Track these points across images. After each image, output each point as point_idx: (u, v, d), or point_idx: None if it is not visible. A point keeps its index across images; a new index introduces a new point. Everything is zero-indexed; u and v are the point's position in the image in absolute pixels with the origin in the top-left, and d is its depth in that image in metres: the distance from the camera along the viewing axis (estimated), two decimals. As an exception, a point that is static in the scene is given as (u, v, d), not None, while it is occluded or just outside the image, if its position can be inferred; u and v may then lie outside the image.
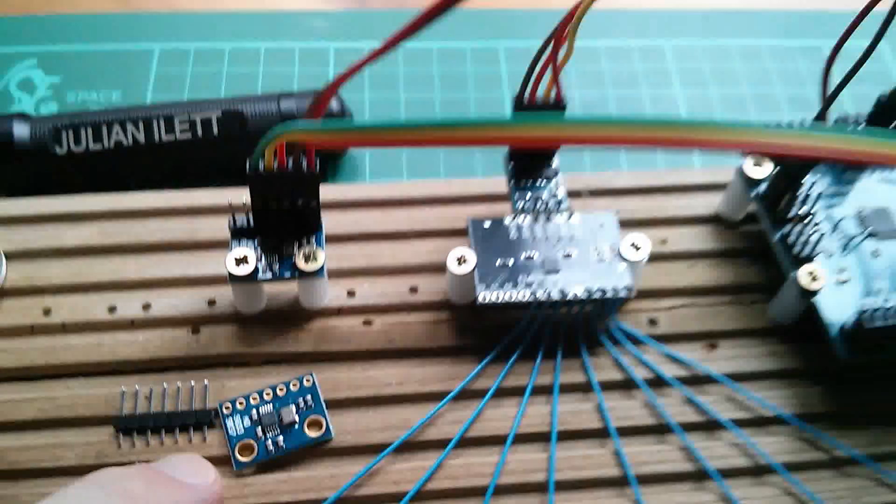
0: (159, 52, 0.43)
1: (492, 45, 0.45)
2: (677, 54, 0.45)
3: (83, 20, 0.45)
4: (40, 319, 0.29)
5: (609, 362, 0.29)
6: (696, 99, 0.44)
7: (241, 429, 0.27)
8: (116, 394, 0.27)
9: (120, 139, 0.35)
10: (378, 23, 0.46)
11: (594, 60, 0.44)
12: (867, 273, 0.29)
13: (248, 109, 0.36)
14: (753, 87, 0.44)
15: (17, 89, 0.41)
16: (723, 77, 0.45)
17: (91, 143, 0.35)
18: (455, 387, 0.28)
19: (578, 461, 0.27)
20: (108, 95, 0.41)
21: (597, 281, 0.28)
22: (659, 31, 0.46)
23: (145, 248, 0.31)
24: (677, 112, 0.43)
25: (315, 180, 0.26)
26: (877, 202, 0.31)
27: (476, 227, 0.30)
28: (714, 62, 0.45)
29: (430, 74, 0.43)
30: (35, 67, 0.42)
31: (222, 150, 0.36)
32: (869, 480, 0.27)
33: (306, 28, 0.45)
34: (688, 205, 0.33)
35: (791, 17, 0.47)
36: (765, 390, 0.29)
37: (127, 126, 0.35)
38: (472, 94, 0.43)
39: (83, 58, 0.43)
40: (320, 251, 0.27)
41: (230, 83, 0.42)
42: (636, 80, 0.44)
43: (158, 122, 0.35)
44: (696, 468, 0.27)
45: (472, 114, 0.42)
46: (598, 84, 0.44)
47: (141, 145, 0.35)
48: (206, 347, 0.29)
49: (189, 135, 0.35)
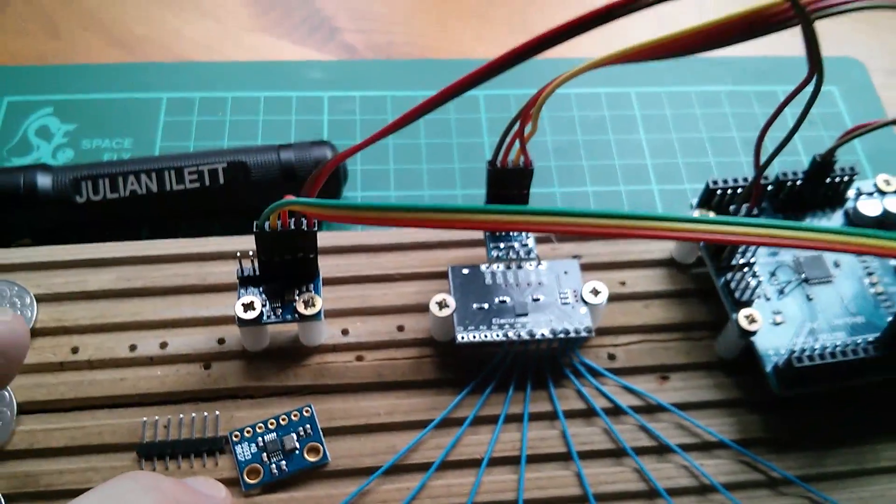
0: (167, 101, 0.46)
1: (473, 94, 0.48)
2: (642, 101, 0.49)
3: (95, 70, 0.48)
4: (69, 357, 0.32)
5: (573, 393, 0.33)
6: (658, 143, 0.47)
7: (248, 454, 0.30)
8: (138, 423, 0.31)
9: (134, 188, 0.38)
10: (369, 72, 0.49)
11: (566, 108, 0.48)
12: (800, 316, 0.33)
13: (250, 160, 0.40)
14: (711, 131, 0.48)
15: (35, 136, 0.44)
16: (684, 122, 0.48)
17: (108, 192, 0.38)
18: (437, 416, 0.32)
19: (544, 482, 0.31)
20: (121, 142, 0.45)
21: (561, 322, 0.32)
22: (626, 79, 0.50)
23: (162, 291, 0.34)
24: (643, 156, 0.47)
25: (312, 237, 0.30)
26: (812, 251, 0.35)
27: (455, 274, 0.33)
28: (675, 108, 0.49)
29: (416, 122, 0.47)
30: (51, 115, 0.45)
31: (227, 197, 0.39)
32: (802, 499, 0.31)
33: (302, 78, 0.48)
34: (646, 249, 0.37)
35: (747, 63, 0.51)
36: (710, 418, 0.32)
37: (141, 177, 0.38)
38: (454, 140, 0.46)
39: (96, 106, 0.46)
40: (318, 298, 0.31)
41: (233, 129, 0.46)
42: (604, 126, 0.48)
43: (169, 173, 0.39)
44: (648, 488, 0.31)
45: (455, 159, 0.46)
46: (569, 130, 0.47)
47: (154, 194, 0.39)
48: (216, 382, 0.32)
49: (197, 184, 0.39)
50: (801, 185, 0.35)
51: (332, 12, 0.54)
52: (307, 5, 0.54)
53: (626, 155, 0.47)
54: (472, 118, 0.47)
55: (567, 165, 0.46)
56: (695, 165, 0.47)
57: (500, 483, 0.31)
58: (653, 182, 0.46)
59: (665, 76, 0.50)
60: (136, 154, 0.45)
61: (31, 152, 0.44)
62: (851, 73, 0.51)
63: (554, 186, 0.45)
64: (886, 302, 0.33)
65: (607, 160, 0.47)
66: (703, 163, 0.47)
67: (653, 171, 0.46)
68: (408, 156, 0.46)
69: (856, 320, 0.33)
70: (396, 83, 0.49)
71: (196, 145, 0.45)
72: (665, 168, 0.46)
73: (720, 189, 0.34)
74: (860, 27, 0.54)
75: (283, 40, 0.51)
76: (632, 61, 0.24)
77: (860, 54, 0.52)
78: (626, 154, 0.47)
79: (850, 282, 0.34)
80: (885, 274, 0.34)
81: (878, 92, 0.50)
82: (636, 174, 0.46)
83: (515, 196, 0.34)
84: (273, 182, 0.39)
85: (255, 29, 0.52)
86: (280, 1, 0.53)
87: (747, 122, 0.49)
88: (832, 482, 0.31)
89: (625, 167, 0.46)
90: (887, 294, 0.34)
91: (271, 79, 0.48)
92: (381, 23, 0.53)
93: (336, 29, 0.53)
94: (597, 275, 0.35)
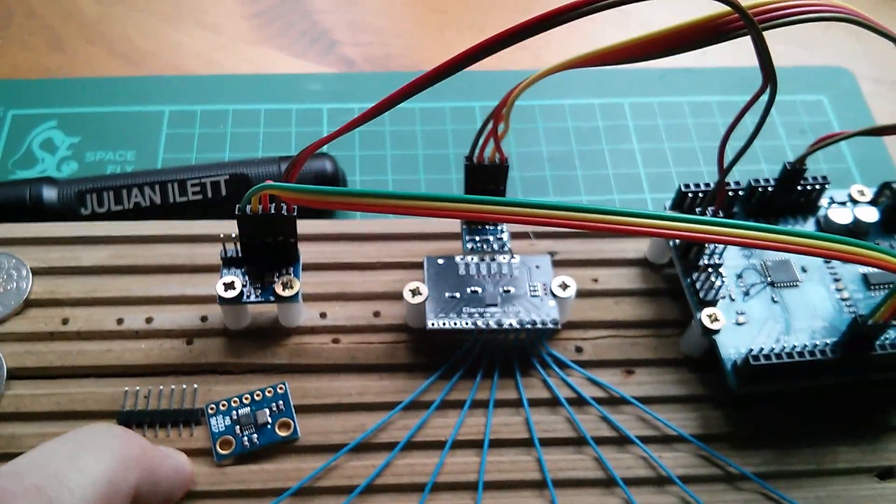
0: (169, 114, 0.48)
1: (439, 105, 0.50)
2: (634, 111, 0.50)
3: (99, 83, 0.49)
4: (59, 328, 0.34)
5: (539, 382, 0.34)
6: (651, 153, 0.48)
7: (222, 426, 0.32)
8: (121, 393, 0.32)
9: (138, 201, 0.40)
10: (367, 84, 0.51)
11: (560, 118, 0.49)
12: (763, 317, 0.34)
13: (252, 172, 0.41)
14: (703, 140, 0.49)
15: (39, 149, 0.45)
16: (676, 132, 0.49)
17: (113, 204, 0.40)
18: (406, 398, 0.33)
19: (506, 465, 0.32)
20: (124, 155, 0.46)
21: (529, 314, 0.33)
22: (618, 90, 0.51)
23: (150, 269, 0.36)
24: (636, 165, 0.48)
25: (291, 221, 0.32)
26: (780, 255, 0.36)
27: (431, 264, 0.35)
28: (668, 118, 0.50)
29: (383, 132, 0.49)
30: (56, 128, 0.46)
31: (229, 209, 0.41)
32: (756, 495, 0.32)
33: (302, 90, 0.50)
34: (621, 249, 0.38)
35: (737, 73, 0.52)
36: (672, 412, 0.33)
37: (145, 189, 0.40)
38: (421, 151, 0.48)
39: (100, 119, 0.47)
40: (296, 280, 0.33)
41: (234, 141, 0.47)
42: (598, 136, 0.49)
43: (172, 186, 0.40)
44: (606, 476, 0.32)
45: (421, 170, 0.47)
46: (563, 140, 0.49)
47: (157, 206, 0.40)
48: (197, 357, 0.34)
49: (200, 196, 0.40)
50: (773, 191, 0.36)
51: (330, 25, 0.55)
52: (307, 19, 0.55)
53: (620, 164, 0.48)
54: (440, 129, 0.49)
55: (562, 175, 0.47)
56: (687, 174, 0.48)
57: (463, 465, 0.32)
58: (646, 191, 0.47)
59: (657, 86, 0.51)
60: (139, 166, 0.46)
61: (35, 165, 0.45)
62: (840, 81, 0.52)
63: (549, 196, 0.46)
64: (851, 308, 0.34)
65: (601, 169, 0.48)
66: (695, 171, 0.48)
67: (646, 179, 0.47)
68: (375, 168, 0.47)
69: (819, 324, 0.34)
70: (394, 95, 0.50)
71: (198, 157, 0.46)
72: (658, 177, 0.47)
73: (691, 192, 0.35)
74: (848, 36, 0.55)
75: (283, 53, 0.53)
76: (588, 65, 0.25)
77: (848, 63, 0.53)
78: (620, 163, 0.48)
79: (817, 287, 0.35)
80: (851, 280, 0.35)
81: (866, 100, 0.51)
82: (629, 183, 0.47)
83: (493, 191, 0.35)
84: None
85: (255, 42, 0.53)
86: (280, 14, 0.54)
87: (738, 131, 0.49)
88: (790, 480, 0.32)
89: (618, 176, 0.47)
90: (852, 300, 0.34)
91: (271, 91, 0.49)
92: (380, 36, 0.55)
93: (335, 42, 0.54)
94: (571, 271, 0.36)
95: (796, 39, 0.54)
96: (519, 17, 0.23)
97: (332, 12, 0.56)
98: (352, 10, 0.57)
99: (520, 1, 0.56)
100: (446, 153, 0.47)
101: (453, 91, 0.50)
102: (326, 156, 0.43)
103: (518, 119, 0.49)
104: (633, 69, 0.52)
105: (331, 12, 0.56)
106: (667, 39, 0.24)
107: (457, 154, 0.47)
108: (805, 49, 0.54)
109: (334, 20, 0.55)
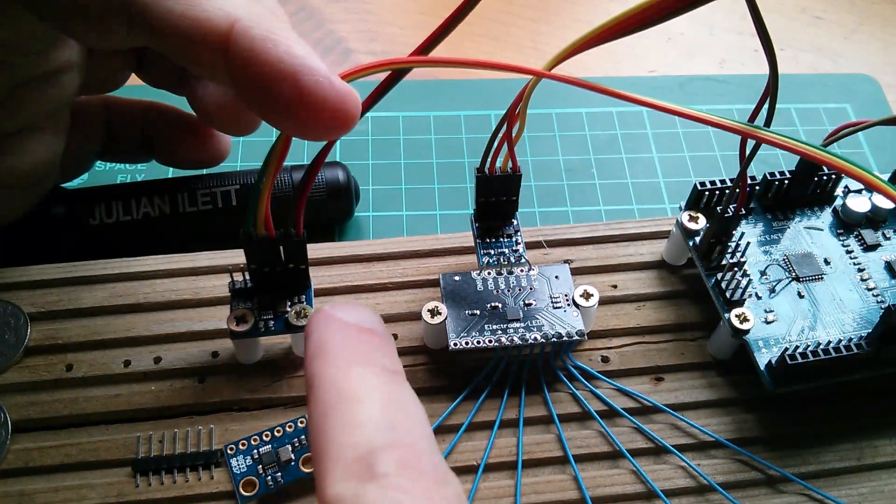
0: None
1: (454, 114, 0.49)
2: (653, 119, 0.49)
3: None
4: (63, 374, 0.32)
5: (567, 396, 0.33)
6: (670, 162, 0.47)
7: (244, 467, 0.30)
8: (133, 439, 0.31)
9: (147, 210, 0.38)
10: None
11: (578, 127, 0.49)
12: (791, 314, 0.33)
13: None
14: (723, 149, 0.48)
15: None
16: (696, 141, 0.49)
17: (121, 214, 0.38)
18: (433, 423, 0.32)
19: (542, 486, 0.31)
20: (134, 164, 0.45)
21: (553, 327, 0.32)
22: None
23: (154, 306, 0.34)
24: (656, 174, 0.47)
25: (302, 245, 0.30)
26: (802, 248, 0.35)
27: (447, 281, 0.33)
28: (687, 126, 0.49)
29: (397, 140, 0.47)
30: None
31: (240, 218, 0.39)
32: (799, 496, 0.31)
33: None
34: (636, 252, 0.37)
35: (758, 80, 0.51)
36: (705, 418, 0.32)
37: (154, 199, 0.38)
38: (435, 160, 0.47)
39: None
40: (310, 308, 0.31)
41: (245, 150, 0.46)
42: (616, 145, 0.48)
43: (182, 196, 0.39)
44: (645, 489, 0.31)
45: (435, 179, 0.46)
46: (581, 149, 0.48)
47: (167, 216, 0.39)
48: (210, 395, 0.32)
49: (210, 206, 0.39)
50: (789, 184, 0.35)
51: (345, 34, 0.55)
52: (321, 27, 0.55)
53: (639, 174, 0.47)
54: (455, 137, 0.48)
55: (579, 185, 0.46)
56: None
57: (498, 489, 0.31)
58: (666, 201, 0.46)
59: (677, 95, 0.50)
60: (149, 176, 0.45)
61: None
62: (865, 89, 0.52)
63: (566, 205, 0.45)
64: (878, 297, 0.33)
65: (620, 178, 0.47)
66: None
67: (665, 189, 0.46)
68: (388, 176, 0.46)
69: (848, 317, 0.33)
70: (408, 104, 0.49)
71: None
72: (678, 186, 0.46)
73: (707, 190, 0.34)
74: (873, 44, 0.55)
75: (298, 61, 0.52)
76: (604, 41, 0.25)
77: (873, 71, 0.53)
78: (639, 173, 0.47)
79: (842, 279, 0.34)
80: (875, 270, 0.34)
81: (891, 107, 0.51)
82: (649, 193, 0.46)
83: (504, 202, 0.34)
84: (286, 204, 0.39)
85: (270, 51, 0.52)
86: (295, 24, 0.53)
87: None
88: (830, 479, 0.31)
89: (637, 185, 0.46)
90: (879, 289, 0.34)
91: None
92: (394, 44, 0.54)
93: (350, 50, 0.54)
94: (588, 278, 0.36)
95: (820, 48, 0.54)
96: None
97: (348, 21, 0.56)
98: (367, 19, 0.56)
99: (537, 10, 0.55)
100: (461, 162, 0.47)
101: (468, 100, 0.50)
102: (340, 164, 0.41)
103: (534, 127, 0.49)
104: (651, 76, 0.51)
105: (346, 21, 0.56)
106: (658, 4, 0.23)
107: (471, 163, 0.46)
108: (829, 58, 0.54)
109: (349, 29, 0.55)
